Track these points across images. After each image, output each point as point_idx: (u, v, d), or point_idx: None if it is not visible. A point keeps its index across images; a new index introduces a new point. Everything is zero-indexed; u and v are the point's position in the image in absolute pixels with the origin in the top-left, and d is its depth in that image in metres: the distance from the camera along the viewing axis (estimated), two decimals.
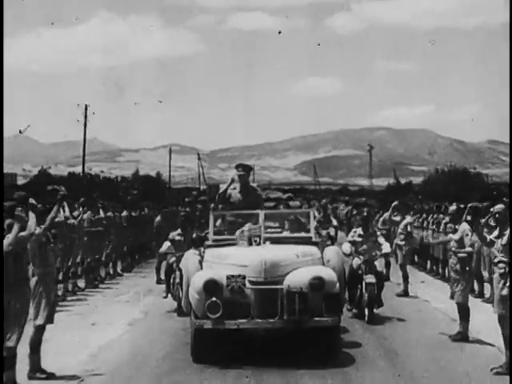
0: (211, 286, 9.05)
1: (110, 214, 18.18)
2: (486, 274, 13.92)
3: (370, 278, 12.30)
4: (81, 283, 15.85)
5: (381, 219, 20.77)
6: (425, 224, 18.73)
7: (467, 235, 10.72)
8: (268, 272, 9.21)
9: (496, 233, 9.28)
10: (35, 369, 8.49)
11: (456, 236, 10.88)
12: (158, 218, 18.54)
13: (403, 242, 16.06)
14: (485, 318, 10.70)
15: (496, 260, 9.18)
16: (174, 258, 12.93)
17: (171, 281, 12.88)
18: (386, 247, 12.83)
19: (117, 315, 12.51)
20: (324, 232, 12.48)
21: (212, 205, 12.22)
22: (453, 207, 12.32)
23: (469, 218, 12.12)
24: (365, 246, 12.66)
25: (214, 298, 8.97)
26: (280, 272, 9.29)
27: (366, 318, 12.13)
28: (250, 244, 9.87)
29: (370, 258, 12.48)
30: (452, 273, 10.93)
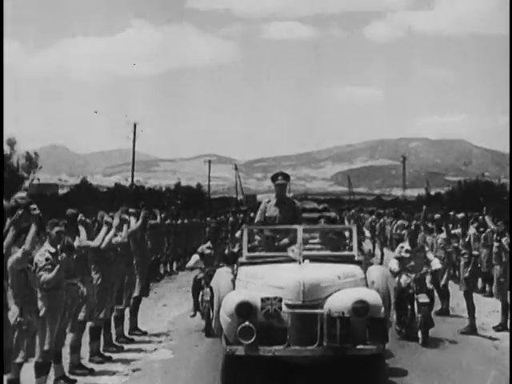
0: (244, 309, 8.22)
1: (168, 221, 21.81)
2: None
3: (423, 298, 11.56)
4: None
5: (395, 226, 23.49)
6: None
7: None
8: (307, 294, 8.35)
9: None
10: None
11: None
12: (231, 219, 24.82)
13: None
14: None
15: (462, 252, 13.21)
16: (202, 274, 12.16)
17: (200, 298, 12.10)
18: (436, 263, 12.03)
19: (180, 300, 15.67)
20: (366, 249, 11.60)
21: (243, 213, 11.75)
22: (461, 215, 14.89)
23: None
24: (413, 263, 11.94)
25: (247, 323, 8.13)
26: (320, 295, 8.43)
27: (421, 341, 11.34)
28: (300, 263, 9.00)
29: (420, 275, 11.74)
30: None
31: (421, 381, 9.26)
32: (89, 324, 10.08)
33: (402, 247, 12.25)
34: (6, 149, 48.16)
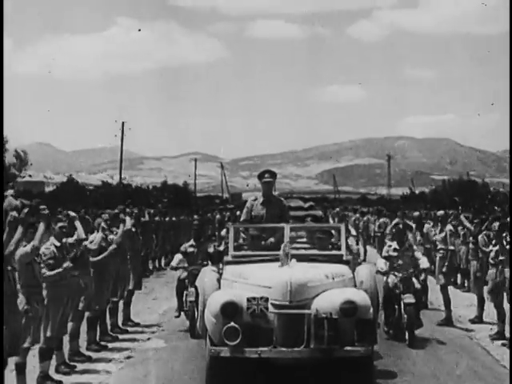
0: (230, 310, 8.02)
1: (157, 218, 23.12)
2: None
3: (408, 298, 11.29)
4: None
5: (377, 224, 24.31)
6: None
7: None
8: (294, 294, 8.13)
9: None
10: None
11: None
12: (218, 217, 26.97)
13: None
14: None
15: (438, 248, 13.84)
16: (185, 273, 11.91)
17: (184, 298, 11.86)
18: (424, 262, 11.80)
19: (169, 294, 15.30)
20: (355, 248, 11.38)
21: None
22: (440, 212, 15.75)
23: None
24: (400, 262, 11.71)
25: (232, 323, 7.92)
26: (307, 295, 8.22)
27: (407, 342, 11.11)
28: (284, 263, 8.74)
29: (407, 275, 11.49)
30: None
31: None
32: (86, 314, 10.62)
33: (390, 246, 12.03)
34: None
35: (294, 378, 8.44)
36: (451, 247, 13.96)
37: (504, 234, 11.75)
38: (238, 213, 25.67)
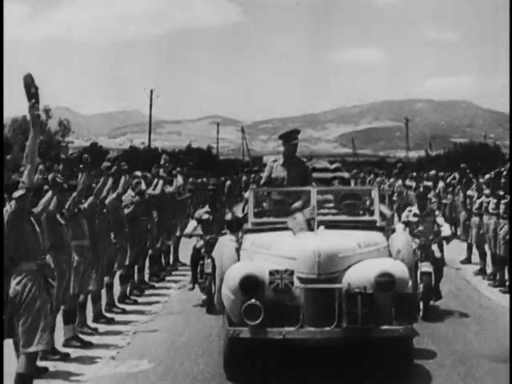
0: (250, 284, 7.03)
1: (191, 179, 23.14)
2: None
3: (426, 267, 10.33)
4: None
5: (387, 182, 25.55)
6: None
7: None
8: (323, 266, 7.12)
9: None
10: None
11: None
12: (229, 182, 26.85)
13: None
14: None
15: (432, 201, 14.07)
16: (202, 242, 10.90)
17: (199, 269, 10.86)
18: (446, 229, 10.80)
19: None
20: (388, 213, 10.32)
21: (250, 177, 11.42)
22: (432, 172, 19.72)
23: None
24: (421, 228, 10.76)
25: (253, 300, 6.94)
26: (338, 266, 7.21)
27: (421, 313, 10.08)
28: (311, 230, 7.73)
29: (426, 241, 10.49)
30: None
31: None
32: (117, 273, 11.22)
33: (410, 211, 11.08)
34: (43, 115, 50.57)
35: (323, 362, 7.49)
36: (444, 201, 17.36)
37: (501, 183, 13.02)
38: (261, 175, 25.81)
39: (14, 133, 49.93)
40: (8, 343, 6.84)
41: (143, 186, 12.29)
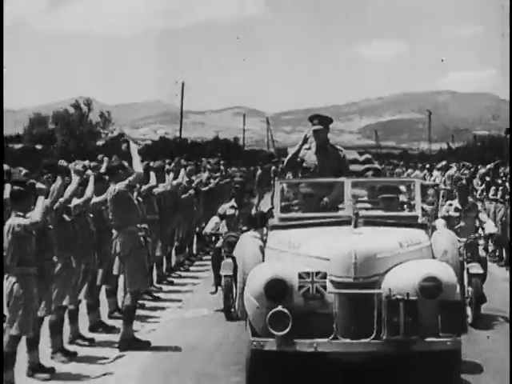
0: (277, 289, 6.18)
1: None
2: None
3: (475, 268, 9.37)
4: None
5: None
6: None
7: None
8: (360, 269, 6.24)
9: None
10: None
11: None
12: (259, 171, 27.31)
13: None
14: None
15: (440, 188, 17.95)
16: (222, 241, 9.91)
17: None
18: (490, 226, 9.96)
19: None
20: (428, 208, 9.44)
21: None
22: (443, 163, 22.16)
23: None
24: (462, 224, 9.95)
25: (280, 307, 6.09)
26: (377, 269, 6.33)
27: (470, 319, 9.17)
28: (355, 226, 6.83)
29: (473, 240, 9.56)
30: None
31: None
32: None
33: (451, 205, 10.30)
34: (84, 108, 54.39)
35: (358, 378, 6.63)
36: (448, 187, 18.60)
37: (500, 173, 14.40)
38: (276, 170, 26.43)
39: (58, 125, 52.80)
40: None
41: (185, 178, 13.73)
